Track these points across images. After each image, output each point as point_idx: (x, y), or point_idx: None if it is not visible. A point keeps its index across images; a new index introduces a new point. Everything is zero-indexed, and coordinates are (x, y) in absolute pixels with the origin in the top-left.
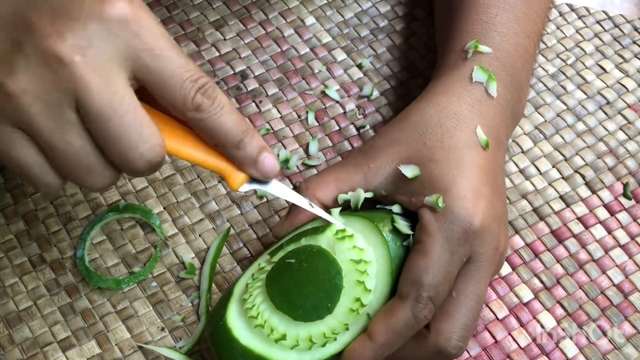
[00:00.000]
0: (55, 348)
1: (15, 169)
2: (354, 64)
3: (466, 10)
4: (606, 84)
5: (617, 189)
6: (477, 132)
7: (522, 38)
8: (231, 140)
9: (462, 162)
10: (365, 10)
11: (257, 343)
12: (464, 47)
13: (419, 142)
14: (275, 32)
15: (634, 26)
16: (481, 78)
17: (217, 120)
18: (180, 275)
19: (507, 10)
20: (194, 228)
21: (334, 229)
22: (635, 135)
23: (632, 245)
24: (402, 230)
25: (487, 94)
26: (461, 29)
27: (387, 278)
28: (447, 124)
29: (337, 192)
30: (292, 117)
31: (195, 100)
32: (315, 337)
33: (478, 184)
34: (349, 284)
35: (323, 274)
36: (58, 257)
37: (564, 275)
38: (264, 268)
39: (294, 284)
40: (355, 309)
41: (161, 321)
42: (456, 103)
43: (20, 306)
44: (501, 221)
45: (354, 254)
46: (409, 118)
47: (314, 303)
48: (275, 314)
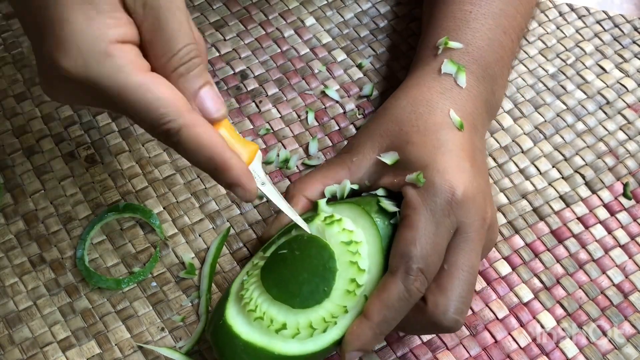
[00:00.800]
0: (55, 348)
1: None
2: (354, 64)
3: (442, 7)
4: (606, 84)
5: (617, 189)
6: (451, 114)
7: (497, 34)
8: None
9: (439, 141)
10: (365, 10)
11: (258, 336)
12: (436, 43)
13: (395, 130)
14: (275, 33)
15: (634, 26)
16: (450, 70)
17: (187, 158)
18: (180, 275)
19: (482, 7)
20: (194, 228)
21: (323, 216)
22: (635, 135)
23: (632, 245)
24: (388, 208)
25: (457, 85)
26: (435, 26)
27: (379, 257)
28: (419, 109)
29: (323, 187)
30: (292, 117)
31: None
32: (315, 322)
33: (457, 159)
34: (342, 266)
35: (316, 259)
36: (58, 257)
37: (564, 275)
38: (258, 264)
39: (289, 273)
40: (351, 290)
41: (161, 321)
42: (427, 92)
43: (20, 306)
44: (485, 194)
45: (344, 236)
46: (385, 112)
47: (311, 289)
48: (273, 305)
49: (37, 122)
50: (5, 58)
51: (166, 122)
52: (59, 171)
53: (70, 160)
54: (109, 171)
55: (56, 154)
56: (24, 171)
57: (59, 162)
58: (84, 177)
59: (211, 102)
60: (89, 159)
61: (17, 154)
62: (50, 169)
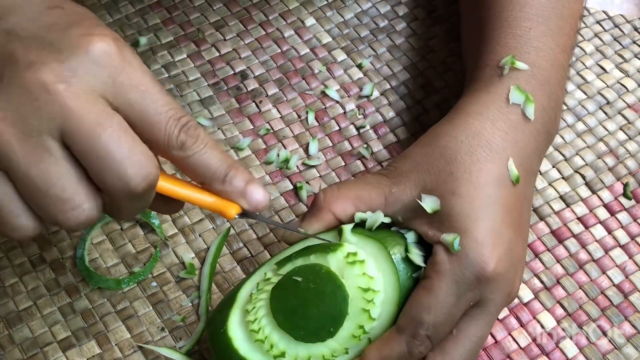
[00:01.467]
0: (55, 348)
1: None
2: (354, 64)
3: (498, 24)
4: (606, 84)
5: (617, 189)
6: (509, 166)
7: (557, 53)
8: (217, 176)
9: (488, 200)
10: (365, 10)
11: (256, 356)
12: (499, 62)
13: (445, 170)
14: (276, 33)
15: (634, 26)
16: (519, 100)
17: (201, 157)
18: (180, 275)
19: (541, 24)
20: (194, 228)
21: (345, 250)
22: (635, 135)
23: (632, 245)
24: (415, 261)
25: (524, 118)
26: (494, 43)
27: (393, 307)
28: (477, 153)
29: (354, 209)
30: (292, 117)
31: (179, 138)
32: (314, 357)
33: (500, 225)
34: (354, 311)
35: (329, 298)
36: (58, 257)
37: (564, 275)
38: (270, 279)
39: (299, 304)
40: (357, 335)
41: (161, 321)
42: (489, 129)
43: (20, 306)
44: (518, 265)
45: (363, 281)
46: (437, 142)
47: (317, 325)
48: (276, 331)
49: None
50: None
51: None
52: None
53: None
54: None
55: None
56: None
57: None
58: None
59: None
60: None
61: None
62: None
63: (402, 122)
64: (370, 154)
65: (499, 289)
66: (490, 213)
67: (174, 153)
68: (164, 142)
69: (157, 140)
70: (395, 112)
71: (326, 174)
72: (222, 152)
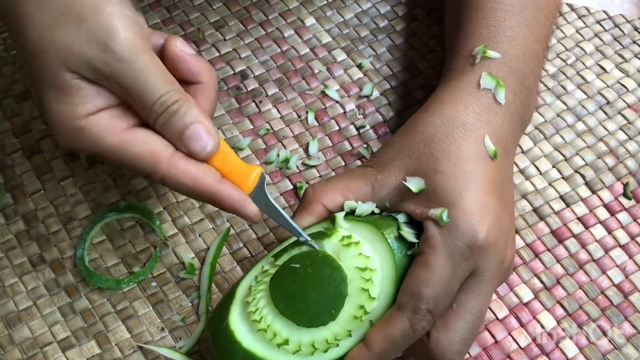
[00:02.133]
0: (55, 348)
1: None
2: (354, 64)
3: (473, 14)
4: (606, 84)
5: (617, 189)
6: (486, 142)
7: (531, 42)
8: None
9: (470, 175)
10: (365, 10)
11: (259, 346)
12: (472, 51)
13: (425, 153)
14: (275, 33)
15: (634, 26)
16: (489, 85)
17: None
18: (180, 275)
19: (516, 14)
20: (194, 228)
21: (340, 234)
22: (635, 135)
23: (632, 245)
24: (408, 238)
25: (495, 101)
26: (468, 33)
27: (391, 286)
28: (454, 133)
29: (343, 199)
30: (292, 117)
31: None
32: (317, 343)
33: (485, 197)
34: (353, 291)
35: (328, 281)
36: (58, 257)
37: (564, 275)
38: (268, 271)
39: (298, 290)
40: (358, 316)
41: (161, 321)
42: (463, 111)
43: (20, 306)
44: (508, 235)
45: (360, 261)
46: (415, 128)
47: (318, 309)
48: (278, 319)
49: (38, 122)
50: (5, 58)
51: (149, 174)
52: (59, 171)
53: (70, 160)
54: (109, 171)
55: (56, 154)
56: (24, 171)
57: (59, 163)
58: (84, 177)
59: (195, 143)
60: (89, 159)
61: (17, 154)
62: (51, 169)
63: (402, 122)
64: (370, 154)
65: (491, 257)
66: (473, 186)
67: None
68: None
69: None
70: (395, 112)
71: (326, 174)
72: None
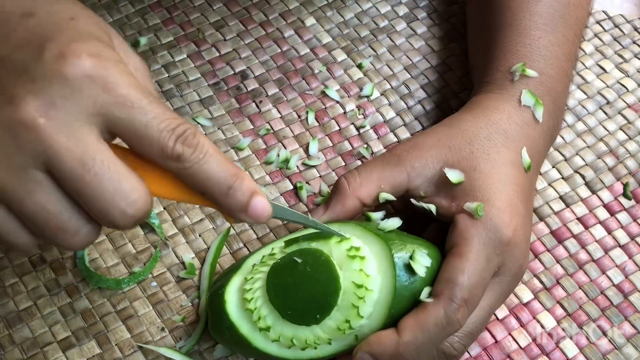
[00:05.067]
0: (55, 348)
1: None
2: (354, 64)
3: (508, 31)
4: (606, 84)
5: (617, 189)
6: (522, 154)
7: (562, 61)
8: (219, 188)
9: (505, 178)
10: (365, 10)
11: (245, 325)
12: (510, 68)
13: (465, 149)
14: (276, 33)
15: (634, 26)
16: (529, 102)
17: (200, 168)
18: (180, 275)
19: (549, 33)
20: (194, 228)
21: (350, 244)
22: (635, 135)
23: (632, 245)
24: (418, 271)
25: (534, 118)
26: (504, 50)
27: (384, 310)
28: (495, 139)
29: (378, 190)
30: (292, 117)
31: (175, 150)
32: (297, 339)
33: (516, 201)
34: (344, 304)
35: (321, 287)
36: (58, 257)
37: (564, 276)
38: (275, 255)
39: (292, 284)
40: (342, 329)
41: (161, 321)
42: (506, 121)
43: (20, 306)
44: (528, 243)
45: (359, 278)
46: (459, 125)
47: (304, 309)
48: (266, 305)
49: None
50: None
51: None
52: None
53: None
54: None
55: None
56: None
57: None
58: None
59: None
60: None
61: None
62: None
63: (402, 122)
64: (371, 154)
65: (515, 257)
66: (508, 189)
67: (171, 165)
68: (159, 155)
69: (151, 154)
70: (395, 112)
71: (326, 174)
72: (224, 161)
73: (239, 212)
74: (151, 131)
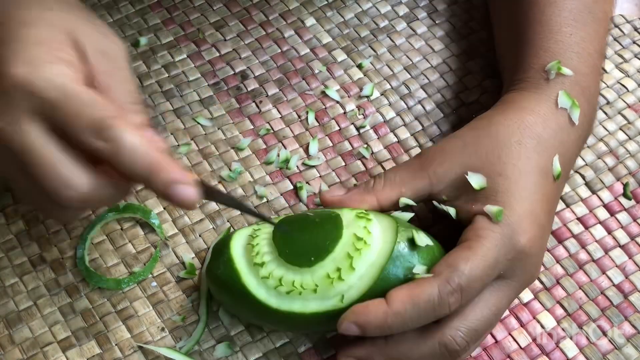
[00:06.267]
0: (55, 348)
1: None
2: (354, 64)
3: (538, 27)
4: (606, 84)
5: (617, 189)
6: (554, 162)
7: (595, 58)
8: (139, 179)
9: (531, 186)
10: (365, 10)
11: (242, 261)
12: (543, 66)
13: (493, 153)
14: (276, 33)
15: (634, 26)
16: (566, 104)
17: (118, 159)
18: (180, 275)
19: (580, 29)
20: (194, 228)
21: (361, 210)
22: (635, 135)
23: (632, 245)
24: (418, 242)
25: (570, 121)
26: (536, 47)
27: (377, 272)
28: (527, 143)
29: (398, 196)
30: (292, 117)
31: (94, 144)
32: (284, 281)
33: (540, 211)
34: (339, 252)
35: (324, 232)
36: (58, 257)
37: (564, 276)
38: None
39: (298, 228)
40: (332, 277)
41: (161, 321)
42: (541, 125)
43: (20, 306)
44: (542, 254)
45: (361, 231)
46: (489, 128)
47: (301, 250)
48: (267, 243)
49: None
50: None
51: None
52: None
53: None
54: None
55: None
56: None
57: None
58: None
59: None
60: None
61: None
62: None
63: (402, 122)
64: (371, 154)
65: (527, 265)
66: (533, 198)
67: (101, 157)
68: (88, 149)
69: (84, 147)
70: (395, 112)
71: (326, 174)
72: (141, 152)
73: (165, 199)
74: (76, 127)
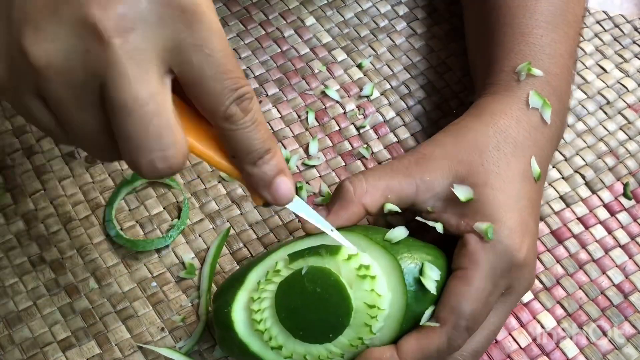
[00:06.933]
0: (55, 348)
1: (36, 126)
2: (354, 64)
3: (509, 30)
4: (606, 84)
5: (617, 189)
6: (532, 164)
7: (566, 59)
8: (251, 156)
9: (516, 193)
10: (365, 10)
11: (255, 342)
12: (514, 68)
13: (476, 162)
14: (276, 33)
15: (634, 26)
16: (537, 104)
17: (243, 133)
18: (180, 275)
19: (551, 31)
20: (194, 228)
21: (359, 261)
22: (635, 135)
23: (632, 245)
24: (429, 287)
25: (542, 121)
26: (507, 49)
27: (395, 325)
28: (504, 148)
29: (384, 200)
30: (292, 117)
31: (229, 110)
32: (310, 356)
33: (527, 218)
34: (356, 323)
35: (333, 308)
36: (58, 257)
37: (564, 276)
38: (280, 272)
39: (302, 306)
40: (355, 345)
41: (161, 321)
42: (515, 127)
43: (20, 306)
44: (536, 258)
45: (371, 298)
46: (467, 135)
47: (317, 330)
48: (277, 325)
49: None
50: None
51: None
52: (58, 171)
53: (70, 160)
54: (109, 171)
55: (56, 154)
56: (24, 171)
57: (59, 162)
58: (83, 177)
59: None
60: (88, 159)
61: (17, 154)
62: (50, 169)
63: (402, 122)
64: (370, 154)
65: (525, 277)
66: (519, 205)
67: (219, 123)
68: (213, 110)
69: (206, 105)
70: (395, 112)
71: (326, 174)
72: (265, 134)
73: (262, 188)
74: (215, 85)
